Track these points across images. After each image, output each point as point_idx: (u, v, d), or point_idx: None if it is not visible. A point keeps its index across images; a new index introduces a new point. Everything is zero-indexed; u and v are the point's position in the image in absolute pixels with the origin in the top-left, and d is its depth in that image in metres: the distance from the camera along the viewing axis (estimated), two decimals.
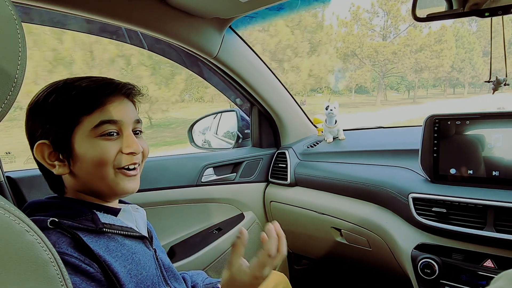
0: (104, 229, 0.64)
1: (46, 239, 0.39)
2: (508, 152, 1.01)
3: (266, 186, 1.74)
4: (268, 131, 1.77)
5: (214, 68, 1.44)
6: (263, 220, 1.73)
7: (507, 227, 0.92)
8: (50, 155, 0.66)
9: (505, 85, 1.00)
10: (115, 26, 1.18)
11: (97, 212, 0.67)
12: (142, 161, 0.73)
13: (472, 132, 1.06)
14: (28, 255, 0.36)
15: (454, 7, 0.92)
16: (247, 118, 1.80)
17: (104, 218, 0.67)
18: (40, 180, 1.05)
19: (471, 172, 1.06)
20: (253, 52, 1.48)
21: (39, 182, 1.05)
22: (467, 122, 1.07)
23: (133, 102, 0.73)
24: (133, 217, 0.75)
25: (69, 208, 0.65)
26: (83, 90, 0.65)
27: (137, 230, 0.72)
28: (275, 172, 1.70)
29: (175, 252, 1.37)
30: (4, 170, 1.02)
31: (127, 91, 0.70)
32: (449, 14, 0.92)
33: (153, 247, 0.76)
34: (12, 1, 0.38)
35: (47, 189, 1.05)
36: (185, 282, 0.91)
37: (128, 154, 0.68)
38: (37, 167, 0.72)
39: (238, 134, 1.85)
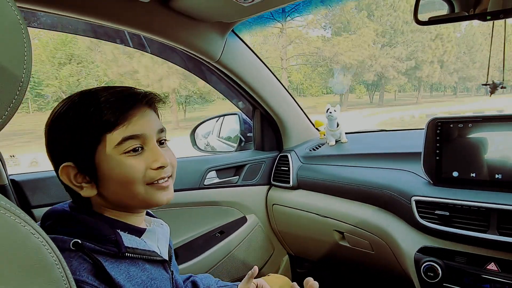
0: (126, 253, 0.62)
1: (51, 242, 0.39)
2: (511, 154, 1.00)
3: (269, 189, 1.74)
4: (270, 134, 1.77)
5: (217, 71, 1.45)
6: (265, 223, 1.73)
7: (510, 230, 0.92)
8: (76, 177, 0.62)
9: (501, 88, 1.00)
10: (118, 30, 1.19)
11: (121, 233, 0.64)
12: (173, 172, 0.70)
13: (475, 135, 1.06)
14: (34, 257, 0.36)
15: (456, 11, 0.93)
16: (250, 121, 1.81)
17: (128, 240, 0.64)
18: (44, 183, 1.07)
19: (474, 175, 1.06)
20: (255, 56, 1.48)
21: (43, 185, 1.06)
22: (470, 125, 1.07)
23: (155, 110, 0.70)
24: (156, 237, 0.73)
25: (92, 228, 0.61)
26: (102, 104, 0.60)
27: (159, 254, 0.70)
28: (278, 175, 1.70)
29: (178, 255, 1.37)
30: (9, 173, 1.02)
31: (148, 101, 0.66)
32: (451, 18, 0.93)
33: (171, 269, 0.75)
34: (18, 6, 0.38)
35: (51, 192, 1.06)
36: (196, 286, 0.91)
37: (156, 169, 0.64)
38: (41, 170, 0.71)
39: (240, 137, 1.85)
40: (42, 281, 0.36)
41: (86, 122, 0.60)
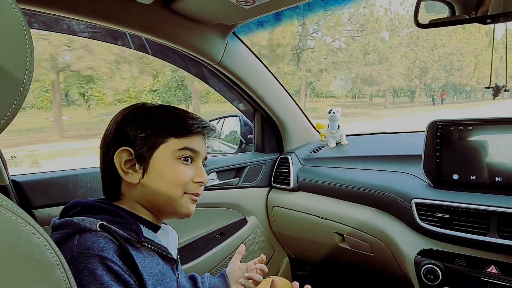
0: (145, 243, 0.66)
1: (52, 242, 0.39)
2: (511, 158, 1.00)
3: (269, 191, 1.74)
4: (271, 136, 1.77)
5: (218, 73, 1.45)
6: (265, 225, 1.73)
7: (510, 233, 0.92)
8: (126, 163, 0.70)
9: (505, 91, 1.00)
10: (119, 32, 1.19)
11: (141, 225, 0.69)
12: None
13: (475, 137, 1.06)
14: (35, 257, 0.36)
15: (457, 13, 0.93)
16: (250, 123, 1.81)
17: (146, 232, 0.69)
18: (45, 184, 1.07)
19: (474, 177, 1.06)
20: (256, 58, 1.49)
21: (44, 186, 1.06)
22: (470, 127, 1.07)
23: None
24: (167, 239, 0.77)
25: (116, 215, 0.66)
26: (180, 116, 0.74)
27: (170, 252, 0.74)
28: (278, 177, 1.70)
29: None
30: (10, 174, 1.02)
31: (208, 133, 0.78)
32: (451, 21, 0.93)
33: (177, 272, 0.79)
34: (20, 8, 0.39)
35: (52, 193, 1.07)
36: (195, 280, 0.94)
37: (197, 183, 0.74)
38: (43, 171, 0.72)
39: (241, 139, 1.85)
40: (43, 282, 0.36)
41: (165, 122, 0.72)
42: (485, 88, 1.01)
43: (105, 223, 0.60)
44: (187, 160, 0.73)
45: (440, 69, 21.00)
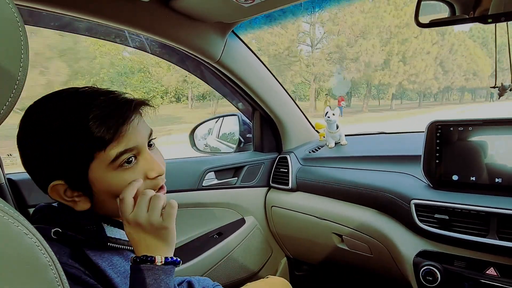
0: (109, 243, 0.63)
1: (45, 242, 0.38)
2: (511, 159, 1.00)
3: (268, 190, 1.73)
4: (269, 136, 1.76)
5: (217, 72, 1.44)
6: (264, 225, 1.72)
7: (510, 235, 0.91)
8: (67, 192, 0.60)
9: (510, 90, 0.99)
10: (119, 29, 1.19)
11: (104, 225, 0.65)
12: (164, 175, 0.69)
13: (475, 138, 1.06)
14: (27, 258, 0.35)
15: (457, 13, 0.92)
16: (249, 122, 1.80)
17: (111, 231, 0.65)
18: None
19: (473, 178, 1.05)
20: (255, 57, 1.48)
21: None
22: (470, 128, 1.06)
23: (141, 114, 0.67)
24: None
25: (73, 219, 0.62)
26: (91, 122, 0.56)
27: None
28: (277, 176, 1.69)
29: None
30: (6, 172, 1.02)
31: (137, 109, 0.63)
32: (452, 20, 0.92)
33: None
34: (16, 4, 0.38)
35: None
36: (192, 286, 0.92)
37: (154, 178, 0.64)
38: None
39: (239, 138, 1.84)
40: (35, 282, 0.36)
41: (76, 140, 0.56)
42: (491, 87, 1.00)
43: (60, 230, 0.58)
44: (130, 162, 0.61)
45: (323, 58, 13.65)
